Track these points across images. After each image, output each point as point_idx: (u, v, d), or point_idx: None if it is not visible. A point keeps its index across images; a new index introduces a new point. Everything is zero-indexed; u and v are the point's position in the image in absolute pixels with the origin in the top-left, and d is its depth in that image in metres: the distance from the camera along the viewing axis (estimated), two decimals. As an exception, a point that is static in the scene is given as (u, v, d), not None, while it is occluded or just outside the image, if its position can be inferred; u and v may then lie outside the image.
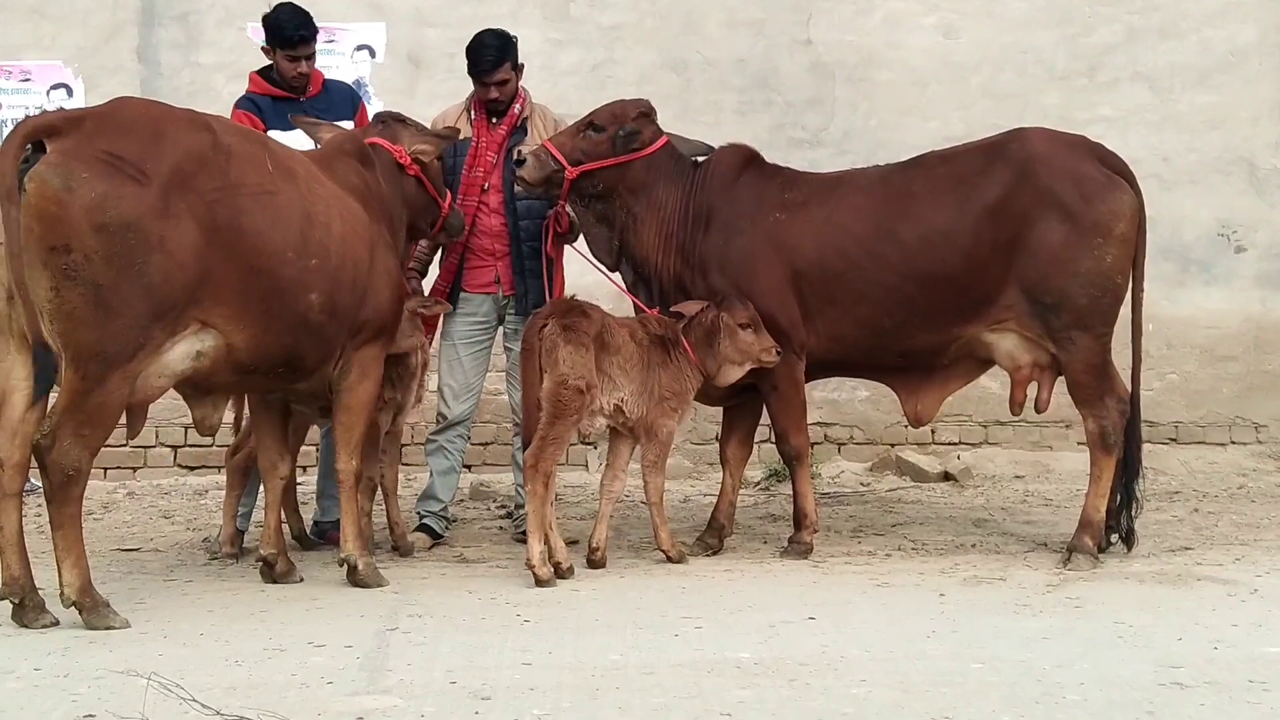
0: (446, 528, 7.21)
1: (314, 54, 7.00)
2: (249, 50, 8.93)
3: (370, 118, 6.89)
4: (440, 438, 7.16)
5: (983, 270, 6.44)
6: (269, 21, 6.93)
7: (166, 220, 5.21)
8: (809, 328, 6.57)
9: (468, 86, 7.16)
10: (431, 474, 7.20)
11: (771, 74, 9.45)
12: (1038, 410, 6.74)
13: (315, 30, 6.97)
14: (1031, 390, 6.68)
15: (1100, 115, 9.38)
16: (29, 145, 5.14)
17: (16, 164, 5.08)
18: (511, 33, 7.13)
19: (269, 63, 7.00)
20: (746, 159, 6.76)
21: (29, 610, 5.34)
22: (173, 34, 9.14)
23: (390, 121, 6.55)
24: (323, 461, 7.10)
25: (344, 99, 7.18)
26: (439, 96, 8.31)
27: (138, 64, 9.03)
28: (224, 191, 5.40)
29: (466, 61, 7.04)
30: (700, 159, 6.74)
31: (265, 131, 6.72)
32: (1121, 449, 6.54)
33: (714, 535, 6.79)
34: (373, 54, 9.11)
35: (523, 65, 7.10)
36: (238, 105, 6.97)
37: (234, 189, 5.43)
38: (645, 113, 6.72)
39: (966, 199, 6.49)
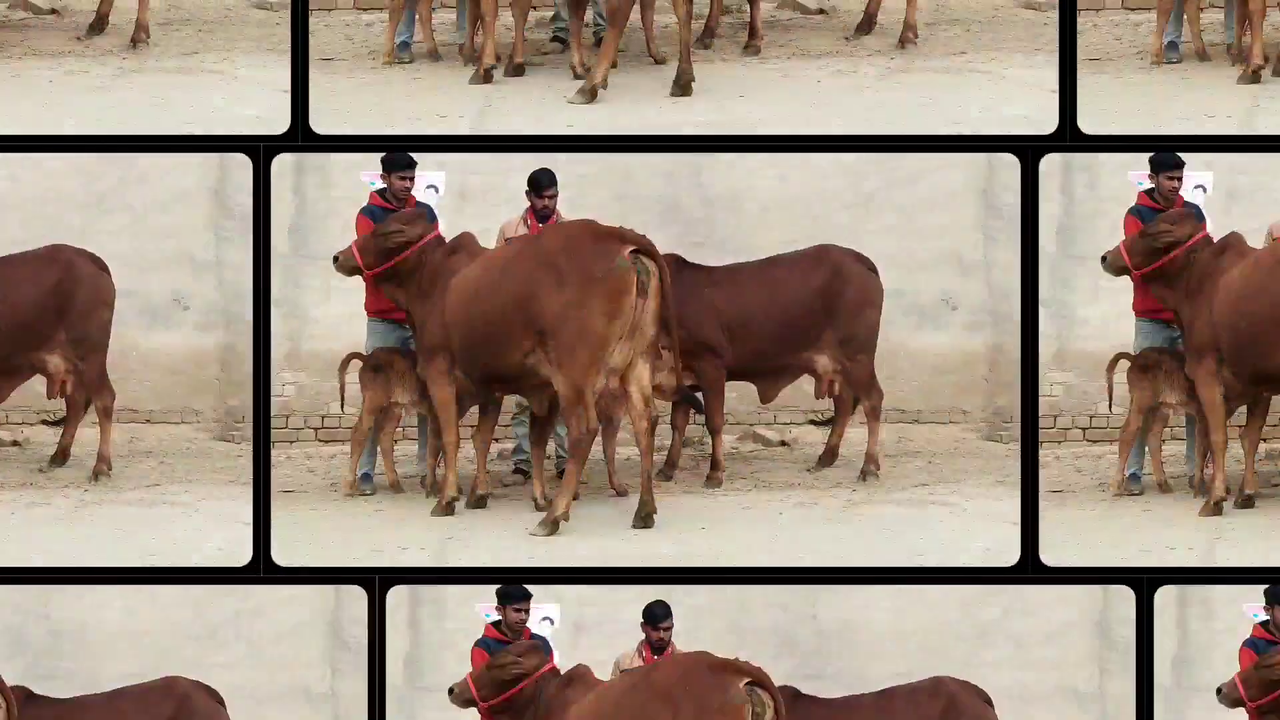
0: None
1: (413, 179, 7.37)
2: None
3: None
4: None
5: (811, 322, 7.45)
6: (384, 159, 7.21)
7: None
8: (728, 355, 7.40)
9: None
10: None
11: (679, 205, 9.75)
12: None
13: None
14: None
15: (869, 230, 9.72)
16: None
17: None
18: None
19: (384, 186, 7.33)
20: (680, 261, 7.68)
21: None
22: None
23: None
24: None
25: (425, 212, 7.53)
26: (479, 216, 8.54)
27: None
28: None
29: (528, 184, 7.39)
30: None
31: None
32: (882, 420, 7.50)
33: (669, 469, 7.42)
34: (437, 190, 9.28)
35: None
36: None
37: None
38: None
39: (804, 283, 7.53)
